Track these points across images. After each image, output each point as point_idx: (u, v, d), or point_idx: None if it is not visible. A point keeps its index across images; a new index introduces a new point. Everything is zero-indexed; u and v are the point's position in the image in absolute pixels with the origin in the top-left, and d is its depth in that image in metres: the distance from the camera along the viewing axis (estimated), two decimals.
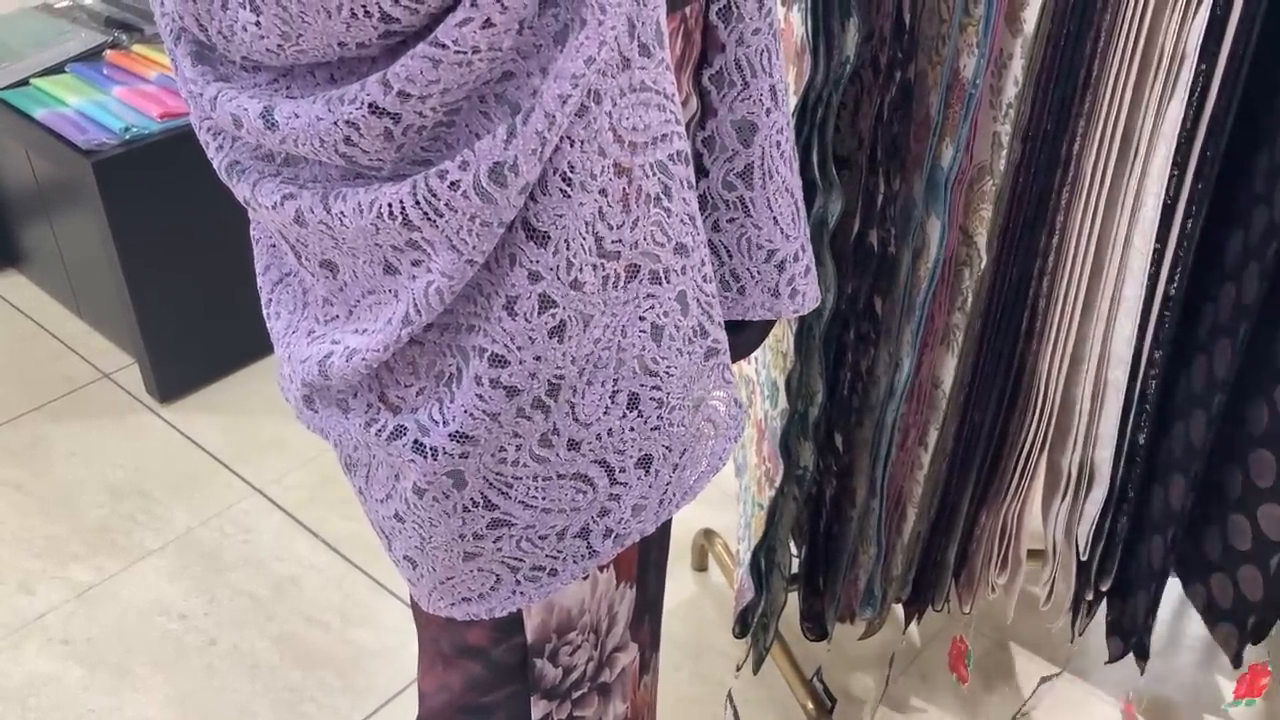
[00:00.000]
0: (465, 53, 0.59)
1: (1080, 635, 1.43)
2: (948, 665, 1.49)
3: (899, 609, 1.44)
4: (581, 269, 0.67)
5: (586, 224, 0.66)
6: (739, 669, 1.44)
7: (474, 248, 0.64)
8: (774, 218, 0.86)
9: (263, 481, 1.94)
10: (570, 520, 0.77)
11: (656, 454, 0.77)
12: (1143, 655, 1.38)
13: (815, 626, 1.41)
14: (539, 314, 0.67)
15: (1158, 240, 1.10)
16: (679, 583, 1.70)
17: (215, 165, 0.71)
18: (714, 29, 0.81)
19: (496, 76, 0.61)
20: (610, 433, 0.74)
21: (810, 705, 1.44)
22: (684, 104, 0.79)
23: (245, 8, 0.62)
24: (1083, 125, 1.05)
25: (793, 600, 1.42)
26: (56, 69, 2.15)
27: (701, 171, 0.85)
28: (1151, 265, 1.11)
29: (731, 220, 0.86)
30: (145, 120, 1.96)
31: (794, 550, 1.39)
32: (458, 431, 0.71)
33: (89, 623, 1.67)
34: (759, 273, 0.88)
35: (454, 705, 0.92)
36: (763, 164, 0.85)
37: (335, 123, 0.62)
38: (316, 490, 1.91)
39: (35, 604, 1.70)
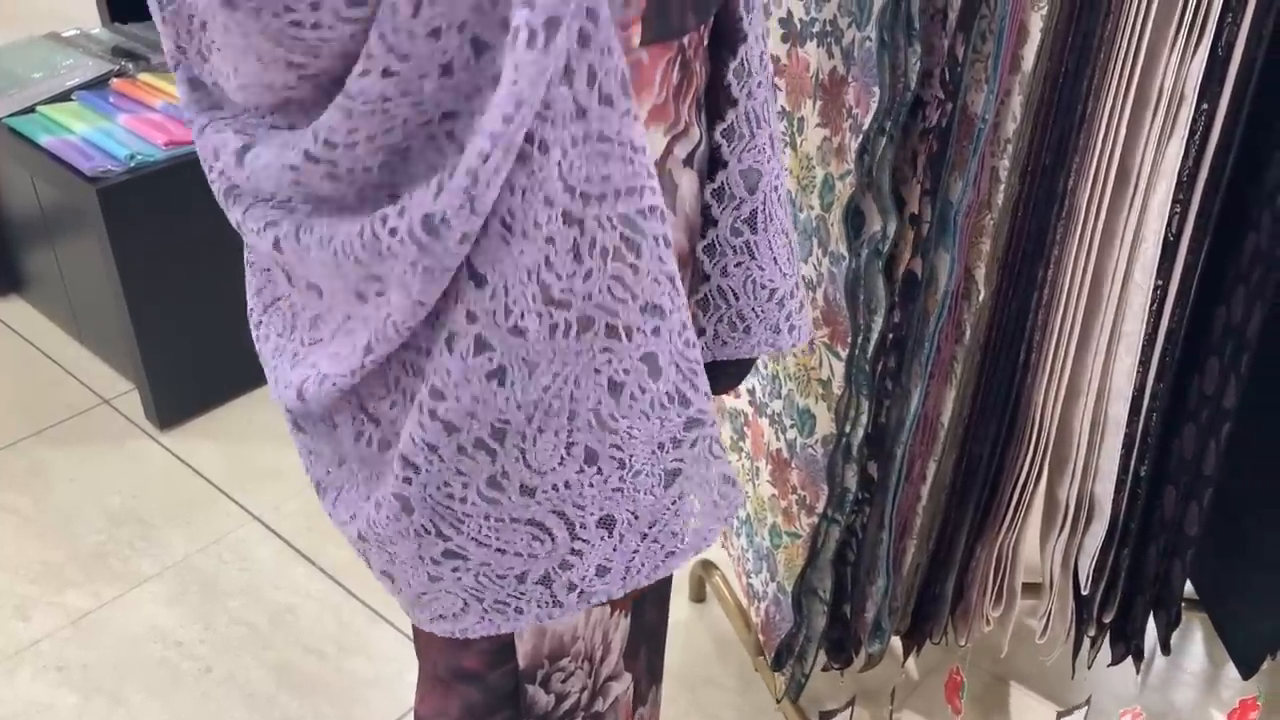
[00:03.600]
0: (373, 102, 0.59)
1: (1089, 668, 1.43)
2: (944, 698, 1.49)
3: (897, 641, 1.44)
4: (523, 316, 0.66)
5: (529, 272, 0.65)
6: (779, 701, 1.43)
7: (420, 290, 0.65)
8: (774, 258, 0.89)
9: (261, 509, 1.94)
10: (529, 566, 0.76)
11: (620, 517, 0.75)
12: (1139, 657, 1.40)
13: (838, 655, 1.40)
14: (474, 355, 0.66)
15: (1160, 276, 1.11)
16: (676, 614, 1.69)
17: (215, 190, 0.72)
18: (728, 86, 0.82)
19: (438, 117, 0.62)
20: (568, 485, 0.72)
21: None
22: (684, 133, 0.80)
23: (205, 28, 0.64)
24: (1078, 160, 1.07)
25: None
26: (63, 96, 2.17)
27: (711, 221, 0.86)
28: (1153, 301, 1.12)
29: (739, 264, 0.87)
30: (150, 148, 1.97)
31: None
32: (400, 454, 0.72)
33: (84, 649, 1.67)
34: (762, 311, 0.89)
35: None
36: (765, 209, 0.86)
37: (281, 166, 0.63)
38: (314, 518, 1.91)
39: (30, 630, 1.70)
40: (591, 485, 0.73)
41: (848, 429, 1.19)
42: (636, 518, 0.75)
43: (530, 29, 0.57)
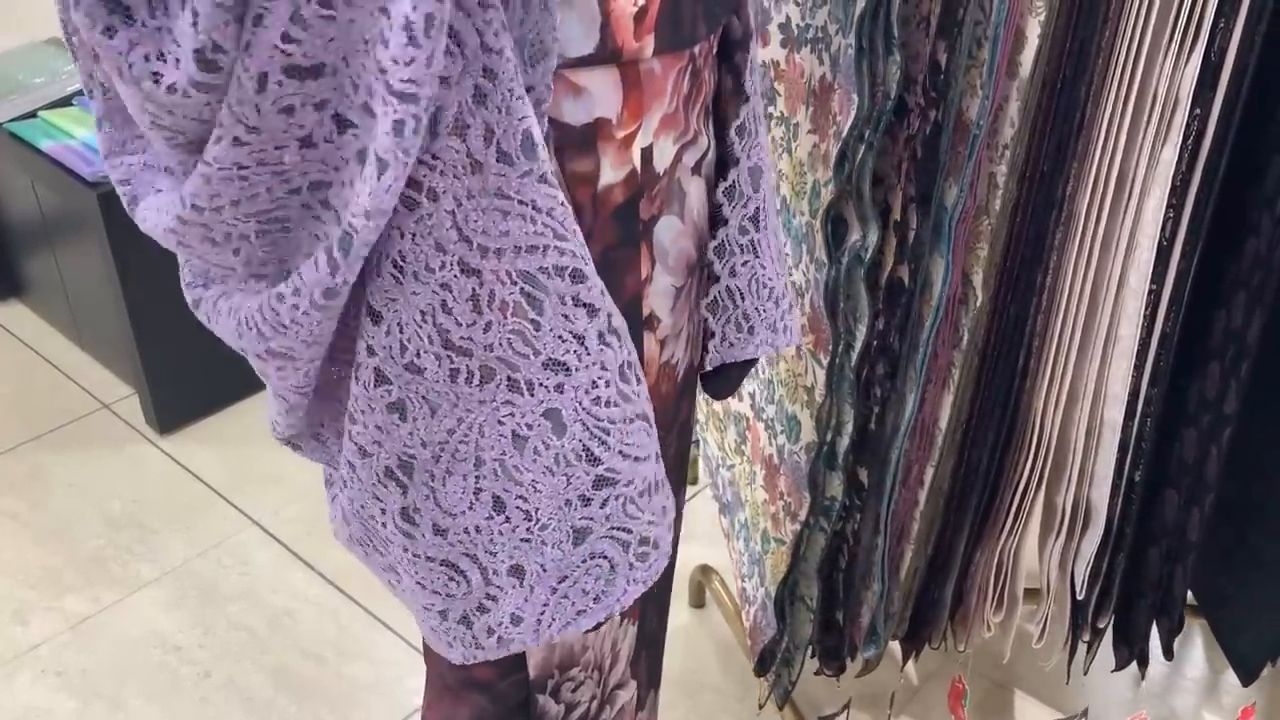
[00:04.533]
0: (229, 169, 0.60)
1: (1085, 674, 1.42)
2: (946, 705, 1.49)
3: (896, 647, 1.44)
4: (419, 355, 0.67)
5: (423, 313, 0.66)
6: (761, 706, 1.43)
7: (332, 335, 0.68)
8: (772, 256, 0.90)
9: (260, 514, 1.94)
10: (448, 604, 0.77)
11: (529, 569, 0.75)
12: (1143, 663, 1.40)
13: (832, 661, 1.40)
14: (375, 386, 0.69)
15: (1154, 281, 1.11)
16: (675, 620, 1.69)
17: None
18: (743, 83, 0.84)
19: (306, 186, 0.63)
20: (478, 529, 0.73)
21: None
22: (693, 141, 0.80)
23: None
24: (1076, 166, 1.07)
25: None
26: (63, 101, 2.17)
27: (721, 221, 0.87)
28: (1147, 306, 1.12)
29: (745, 263, 0.88)
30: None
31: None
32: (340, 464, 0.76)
33: (83, 654, 1.67)
34: (763, 310, 0.90)
35: None
36: (764, 206, 0.88)
37: (165, 230, 0.65)
38: (314, 523, 1.91)
39: (29, 634, 1.70)
40: (501, 533, 0.74)
41: (829, 437, 1.18)
42: (545, 570, 0.75)
43: (416, 119, 0.57)
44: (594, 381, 0.71)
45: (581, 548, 0.75)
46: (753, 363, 0.96)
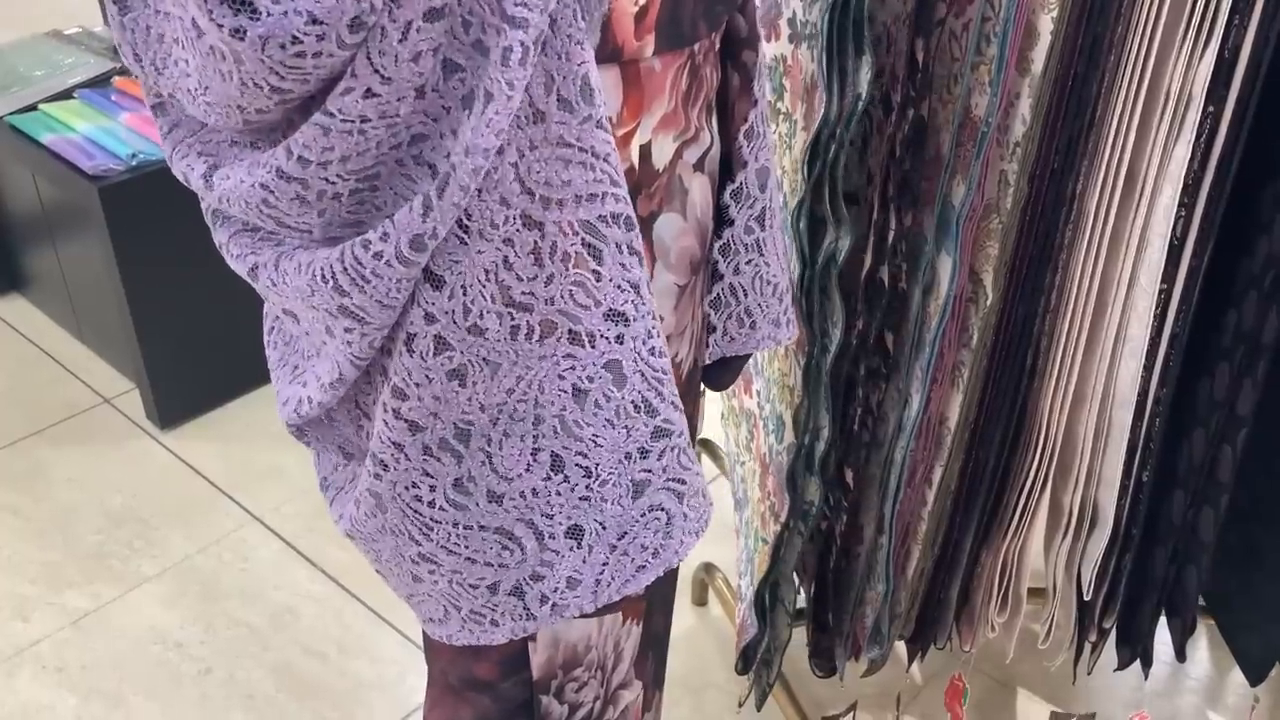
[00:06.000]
0: (353, 121, 0.60)
1: (1089, 674, 1.42)
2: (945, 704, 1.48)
3: (900, 647, 1.43)
4: (482, 315, 0.66)
5: (487, 272, 0.65)
6: (741, 705, 1.43)
7: (399, 301, 0.67)
8: (777, 254, 0.90)
9: (261, 510, 1.93)
10: (500, 576, 0.76)
11: (588, 527, 0.74)
12: (1147, 663, 1.40)
13: (824, 663, 1.40)
14: (434, 354, 0.67)
15: (1164, 280, 1.10)
16: (678, 617, 1.68)
17: (203, 210, 0.74)
18: (749, 87, 0.83)
19: (407, 140, 0.62)
20: (535, 493, 0.73)
21: None
22: (694, 139, 0.79)
23: (180, 44, 0.63)
24: (1086, 164, 1.06)
25: (797, 636, 1.41)
26: (65, 94, 2.17)
27: (727, 221, 0.87)
28: (1157, 305, 1.12)
29: (749, 261, 0.88)
30: (152, 147, 1.97)
31: (799, 586, 1.39)
32: (371, 452, 0.73)
33: (83, 650, 1.66)
34: (766, 306, 0.91)
35: None
36: (770, 205, 0.88)
37: (252, 185, 0.64)
38: (315, 519, 1.90)
39: (30, 631, 1.69)
40: (559, 493, 0.73)
41: (807, 440, 1.18)
42: (604, 528, 0.75)
43: (524, 47, 0.58)
44: (649, 331, 0.71)
45: (641, 500, 0.75)
46: (749, 355, 0.96)
